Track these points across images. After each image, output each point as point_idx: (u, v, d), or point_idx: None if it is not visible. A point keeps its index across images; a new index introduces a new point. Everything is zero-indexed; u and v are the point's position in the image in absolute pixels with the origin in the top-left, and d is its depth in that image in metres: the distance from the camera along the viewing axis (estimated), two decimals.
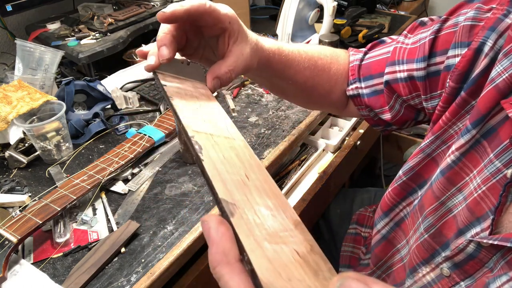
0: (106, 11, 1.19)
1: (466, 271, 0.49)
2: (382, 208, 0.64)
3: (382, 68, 0.61)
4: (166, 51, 0.45)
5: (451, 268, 0.50)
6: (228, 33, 0.47)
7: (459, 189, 0.50)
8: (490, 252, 0.46)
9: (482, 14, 0.48)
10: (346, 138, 1.00)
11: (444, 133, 0.53)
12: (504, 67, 0.44)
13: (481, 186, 0.46)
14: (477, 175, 0.47)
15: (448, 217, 0.51)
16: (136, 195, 0.73)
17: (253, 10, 1.62)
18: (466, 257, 0.48)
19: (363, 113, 0.67)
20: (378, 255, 0.66)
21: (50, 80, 0.96)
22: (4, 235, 0.59)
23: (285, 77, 0.60)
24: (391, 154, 1.55)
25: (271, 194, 0.32)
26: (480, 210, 0.46)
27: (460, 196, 0.50)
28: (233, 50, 0.48)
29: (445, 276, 0.51)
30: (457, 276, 0.50)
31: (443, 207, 0.51)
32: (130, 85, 1.05)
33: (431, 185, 0.53)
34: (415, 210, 0.57)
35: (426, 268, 0.54)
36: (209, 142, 0.36)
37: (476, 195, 0.47)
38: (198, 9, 0.45)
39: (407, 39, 0.59)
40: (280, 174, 0.92)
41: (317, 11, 1.18)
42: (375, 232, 0.67)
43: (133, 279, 0.58)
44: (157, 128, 0.85)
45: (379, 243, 0.65)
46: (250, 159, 0.36)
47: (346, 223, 0.85)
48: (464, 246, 0.48)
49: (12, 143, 0.81)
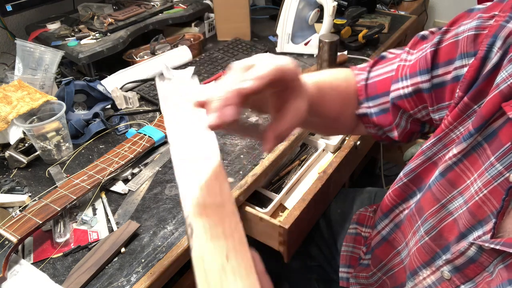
0: (106, 11, 1.19)
1: (466, 274, 0.49)
2: (382, 209, 0.64)
3: (388, 87, 0.60)
4: (231, 112, 0.37)
5: (451, 272, 0.50)
6: (290, 89, 0.43)
7: (460, 192, 0.50)
8: (491, 256, 0.46)
9: (484, 22, 0.48)
10: (346, 138, 1.00)
11: (446, 136, 0.53)
12: (509, 72, 0.44)
13: (482, 189, 0.46)
14: (478, 178, 0.47)
15: (448, 220, 0.51)
16: (136, 195, 0.73)
17: (253, 10, 1.62)
18: (467, 260, 0.48)
19: (370, 131, 0.66)
20: (379, 256, 0.66)
21: (50, 80, 0.96)
22: (4, 235, 0.59)
23: (318, 114, 0.57)
24: (391, 154, 1.55)
25: (243, 274, 0.37)
26: (481, 214, 0.46)
27: (460, 199, 0.50)
28: (293, 107, 0.43)
29: (445, 279, 0.51)
30: (457, 279, 0.50)
31: (444, 210, 0.51)
32: (130, 85, 1.05)
33: (429, 187, 0.53)
34: (412, 213, 0.57)
35: (427, 271, 0.54)
36: (201, 222, 0.40)
37: (478, 198, 0.46)
38: (275, 77, 0.39)
39: (410, 56, 0.59)
40: (280, 174, 0.92)
41: (317, 11, 1.18)
42: (376, 233, 0.67)
43: (133, 279, 0.58)
44: (157, 128, 0.85)
45: (380, 244, 0.65)
46: (234, 231, 0.40)
47: (347, 222, 0.85)
48: (465, 249, 0.48)
49: (12, 143, 0.81)
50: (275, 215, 0.83)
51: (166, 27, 1.28)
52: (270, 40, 1.34)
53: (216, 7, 1.27)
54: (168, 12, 1.24)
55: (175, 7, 1.27)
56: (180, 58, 1.15)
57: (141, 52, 1.20)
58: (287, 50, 1.23)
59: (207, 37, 1.37)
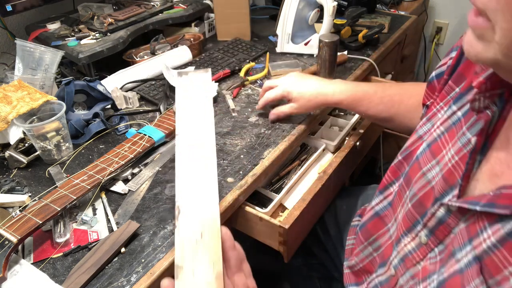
0: (106, 11, 1.19)
1: (437, 236, 0.52)
2: (379, 187, 0.69)
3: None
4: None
5: (427, 236, 0.53)
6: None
7: (438, 161, 0.54)
8: (456, 218, 0.48)
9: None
10: (346, 138, 1.00)
11: (434, 116, 0.59)
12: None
13: (455, 156, 0.50)
14: (452, 147, 0.52)
15: (427, 188, 0.54)
16: (136, 195, 0.73)
17: (253, 10, 1.62)
18: (437, 222, 0.51)
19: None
20: (370, 230, 0.69)
21: (50, 80, 0.96)
22: (4, 235, 0.59)
23: (359, 113, 0.85)
24: (391, 154, 1.54)
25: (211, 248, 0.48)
26: (453, 179, 0.49)
27: (437, 167, 0.53)
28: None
29: (423, 244, 0.54)
30: (432, 243, 0.53)
31: (423, 178, 0.55)
32: (130, 85, 1.05)
33: (417, 159, 0.58)
34: (401, 186, 0.61)
35: (408, 238, 0.57)
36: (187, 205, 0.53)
37: (450, 165, 0.50)
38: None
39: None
40: (280, 174, 0.92)
41: (317, 11, 1.18)
42: (369, 209, 0.70)
43: (133, 279, 0.58)
44: (157, 128, 0.85)
45: (372, 218, 0.69)
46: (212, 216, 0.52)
47: (352, 218, 0.85)
48: (435, 210, 0.51)
49: (12, 143, 0.81)
50: (275, 215, 0.83)
51: (166, 27, 1.28)
52: (270, 40, 1.34)
53: (216, 7, 1.27)
54: (168, 12, 1.24)
55: (175, 7, 1.28)
56: (180, 58, 1.15)
57: (141, 52, 1.20)
58: (287, 50, 1.23)
59: (207, 37, 1.37)
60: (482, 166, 0.48)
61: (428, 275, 0.51)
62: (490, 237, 0.41)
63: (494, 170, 0.46)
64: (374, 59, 1.19)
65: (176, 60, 1.14)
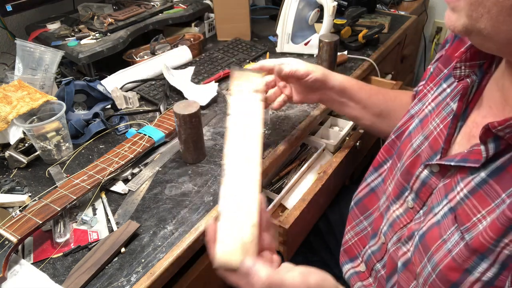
0: (106, 11, 1.19)
1: (421, 198, 0.56)
2: (373, 164, 0.73)
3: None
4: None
5: (414, 200, 0.57)
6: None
7: (424, 132, 0.58)
8: (438, 179, 0.53)
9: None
10: (346, 138, 1.00)
11: (424, 97, 0.64)
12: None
13: (440, 125, 0.55)
14: (436, 116, 0.57)
15: (414, 156, 0.58)
16: (136, 195, 0.73)
17: (253, 10, 1.62)
18: (420, 184, 0.56)
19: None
20: (366, 205, 0.73)
21: (50, 80, 0.96)
22: (4, 235, 0.59)
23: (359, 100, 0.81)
24: None
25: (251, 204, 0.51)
26: (437, 145, 0.54)
27: (423, 137, 0.58)
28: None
29: (410, 209, 0.58)
30: (417, 205, 0.57)
31: (411, 149, 0.59)
32: (130, 85, 1.05)
33: (409, 134, 0.62)
34: (393, 161, 0.65)
35: (397, 205, 0.61)
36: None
37: (436, 133, 0.55)
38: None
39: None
40: (280, 174, 0.92)
41: (317, 11, 1.18)
42: (365, 185, 0.74)
43: (133, 279, 0.58)
44: (157, 128, 0.85)
45: (368, 194, 0.73)
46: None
47: None
48: (419, 172, 0.56)
49: (12, 143, 0.81)
50: (275, 215, 0.83)
51: (166, 27, 1.28)
52: (270, 40, 1.34)
53: (216, 7, 1.27)
54: (168, 12, 1.24)
55: (175, 7, 1.27)
56: (180, 58, 1.15)
57: (141, 52, 1.20)
58: (287, 50, 1.23)
59: (207, 37, 1.37)
60: (462, 131, 0.53)
61: (411, 233, 0.55)
62: (462, 189, 0.47)
63: (472, 132, 0.51)
64: (374, 59, 1.19)
65: (176, 60, 1.14)
